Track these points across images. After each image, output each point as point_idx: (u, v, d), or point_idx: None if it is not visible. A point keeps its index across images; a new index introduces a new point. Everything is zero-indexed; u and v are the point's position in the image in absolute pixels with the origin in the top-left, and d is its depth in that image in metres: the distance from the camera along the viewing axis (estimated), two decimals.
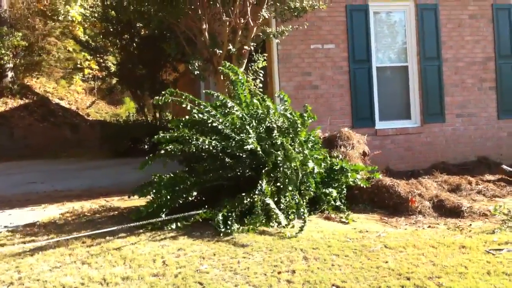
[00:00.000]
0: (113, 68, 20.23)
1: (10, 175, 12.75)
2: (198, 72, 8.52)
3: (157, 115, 19.57)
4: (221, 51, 8.28)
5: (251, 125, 6.51)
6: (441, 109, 9.95)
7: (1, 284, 4.38)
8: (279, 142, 6.28)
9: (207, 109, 6.55)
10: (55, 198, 8.54)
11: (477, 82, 10.17)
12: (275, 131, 6.46)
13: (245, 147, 6.11)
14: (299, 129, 6.63)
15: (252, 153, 6.24)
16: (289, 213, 6.06)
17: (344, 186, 6.92)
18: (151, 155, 6.44)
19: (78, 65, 26.54)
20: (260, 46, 9.06)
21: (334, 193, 6.72)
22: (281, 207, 6.09)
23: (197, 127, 6.55)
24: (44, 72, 24.73)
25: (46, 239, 5.74)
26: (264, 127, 6.56)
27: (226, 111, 6.70)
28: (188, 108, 6.53)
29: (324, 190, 6.72)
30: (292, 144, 6.49)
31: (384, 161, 9.29)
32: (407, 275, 4.26)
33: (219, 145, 6.22)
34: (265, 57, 8.50)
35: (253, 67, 8.42)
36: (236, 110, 6.63)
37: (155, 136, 6.37)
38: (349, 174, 6.92)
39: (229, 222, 5.67)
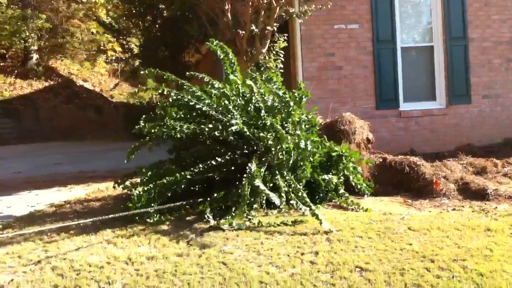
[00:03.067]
0: (136, 50, 20.27)
1: (36, 157, 12.95)
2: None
3: None
4: (243, 32, 8.24)
5: (236, 105, 6.16)
6: (467, 90, 9.79)
7: (29, 263, 4.47)
8: (268, 122, 5.90)
9: (191, 90, 6.24)
10: (80, 179, 8.66)
11: (504, 62, 9.98)
12: (263, 111, 6.08)
13: (230, 129, 5.72)
14: (291, 108, 6.22)
15: (242, 136, 5.90)
16: (288, 198, 5.62)
17: (342, 173, 6.47)
18: (136, 144, 6.11)
19: (102, 47, 26.68)
20: (283, 26, 8.98)
21: (334, 180, 6.25)
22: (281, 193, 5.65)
23: (185, 110, 6.20)
24: (68, 54, 24.95)
25: (72, 219, 5.84)
26: (253, 107, 6.20)
27: (214, 92, 6.36)
28: (173, 95, 6.17)
29: (323, 176, 6.25)
30: (286, 125, 6.16)
31: (408, 143, 9.23)
32: (431, 257, 4.24)
33: (206, 129, 5.86)
34: (285, 38, 8.42)
35: (275, 47, 8.37)
36: (221, 90, 6.25)
37: (136, 127, 5.97)
38: (349, 162, 6.49)
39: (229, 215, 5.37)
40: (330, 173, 6.39)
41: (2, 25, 20.38)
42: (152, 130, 5.91)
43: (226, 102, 6.11)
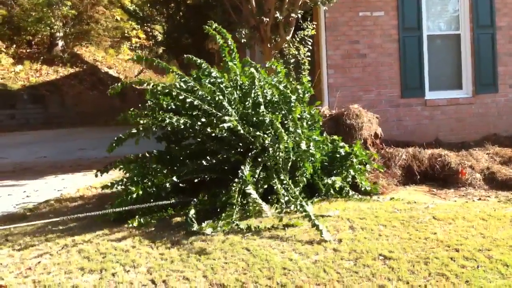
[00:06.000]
0: (160, 37, 20.36)
1: (62, 142, 13.13)
2: (244, 41, 8.49)
3: None
4: (267, 19, 8.20)
5: (232, 99, 5.70)
6: (494, 79, 9.61)
7: (55, 246, 4.56)
8: (267, 119, 5.45)
9: (183, 80, 5.81)
10: (105, 164, 8.72)
11: None
12: (262, 106, 5.58)
13: (221, 125, 5.20)
14: (292, 104, 5.76)
15: (236, 134, 5.41)
16: (287, 203, 5.19)
17: (349, 174, 6.09)
18: (120, 136, 5.65)
19: (126, 34, 26.82)
20: (309, 14, 8.92)
21: (338, 182, 5.85)
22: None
23: (178, 100, 5.70)
24: (93, 41, 25.12)
25: (97, 205, 5.93)
26: (251, 101, 5.72)
27: (211, 80, 5.91)
28: (160, 87, 5.73)
29: (325, 179, 5.88)
30: (286, 122, 5.74)
31: (433, 132, 9.13)
32: (456, 246, 4.21)
33: (198, 123, 5.45)
34: (314, 25, 8.35)
35: (299, 34, 8.30)
36: (221, 82, 5.83)
37: (122, 114, 5.64)
38: (354, 161, 6.09)
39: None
40: (334, 173, 6.05)
41: (28, 11, 20.60)
42: (139, 121, 5.54)
43: (221, 97, 5.62)
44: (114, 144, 5.62)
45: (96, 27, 24.21)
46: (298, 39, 8.28)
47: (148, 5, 19.51)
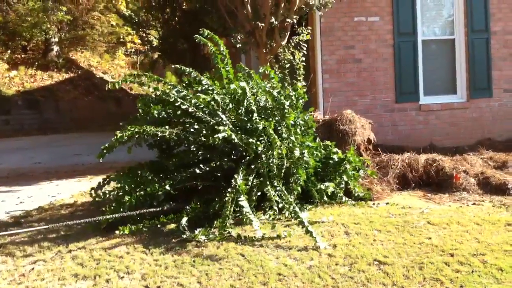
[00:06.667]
0: (155, 43, 20.33)
1: (57, 148, 13.08)
2: (240, 45, 8.49)
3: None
4: (263, 24, 8.20)
5: (226, 108, 5.69)
6: (488, 84, 9.65)
7: (49, 253, 4.54)
8: (260, 126, 5.46)
9: (176, 89, 5.80)
10: (101, 169, 8.72)
11: None
12: (255, 114, 5.60)
13: (216, 136, 5.15)
14: (286, 111, 5.71)
15: (229, 142, 5.39)
16: (281, 210, 5.19)
17: (343, 180, 6.08)
18: (112, 141, 5.36)
19: (121, 40, 26.78)
20: (305, 19, 8.93)
21: (331, 188, 5.89)
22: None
23: (170, 107, 5.71)
24: (88, 46, 25.07)
25: (93, 210, 5.91)
26: (243, 109, 5.72)
27: (202, 88, 5.92)
28: (151, 89, 5.80)
29: (319, 185, 5.89)
30: (279, 128, 5.72)
31: (427, 137, 9.15)
32: (450, 251, 4.21)
33: (191, 130, 5.47)
34: (309, 30, 8.37)
35: (294, 39, 8.32)
36: (212, 89, 5.84)
37: (116, 134, 5.37)
38: (347, 167, 6.09)
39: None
40: (327, 179, 6.03)
41: (23, 17, 20.56)
42: (132, 137, 5.38)
43: (216, 106, 5.64)
44: (104, 151, 5.40)
45: (91, 33, 24.16)
46: (293, 44, 8.29)
47: (144, 10, 19.47)
